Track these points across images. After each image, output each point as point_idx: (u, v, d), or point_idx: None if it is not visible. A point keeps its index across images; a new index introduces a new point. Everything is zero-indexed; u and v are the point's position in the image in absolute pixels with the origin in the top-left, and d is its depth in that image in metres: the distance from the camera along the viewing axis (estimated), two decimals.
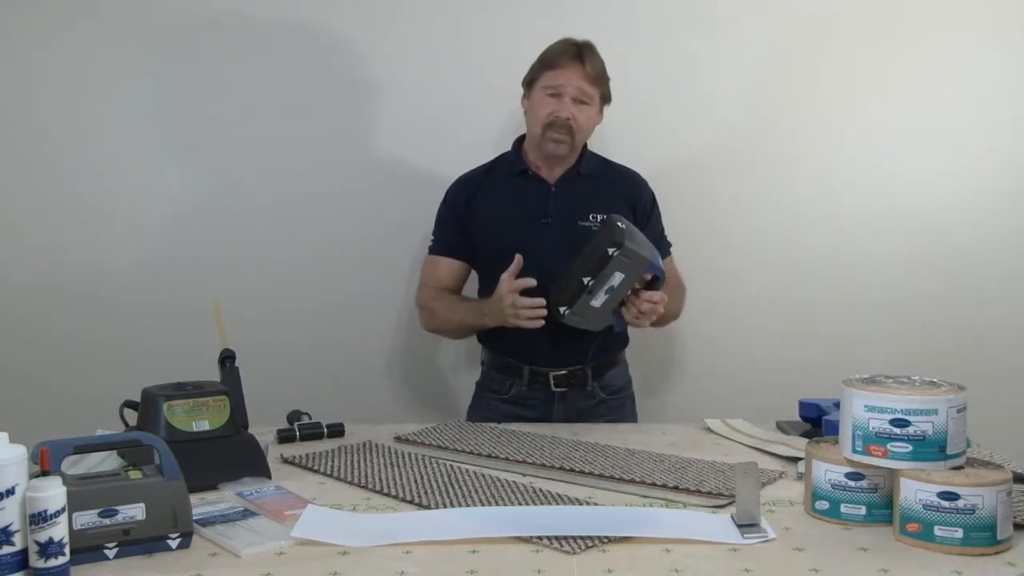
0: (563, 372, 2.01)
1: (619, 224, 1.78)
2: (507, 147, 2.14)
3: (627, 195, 2.08)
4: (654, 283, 1.86)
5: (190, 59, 2.36)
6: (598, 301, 1.79)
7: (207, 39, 2.35)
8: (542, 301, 1.85)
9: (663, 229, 2.14)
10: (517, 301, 1.85)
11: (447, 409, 2.39)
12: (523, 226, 2.01)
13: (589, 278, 1.77)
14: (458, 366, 2.46)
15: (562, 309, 1.81)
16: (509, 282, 1.87)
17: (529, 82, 2.04)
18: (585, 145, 2.09)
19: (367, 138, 2.39)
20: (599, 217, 2.00)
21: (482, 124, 2.36)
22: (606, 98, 2.05)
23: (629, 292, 1.82)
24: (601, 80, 2.01)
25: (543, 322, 1.86)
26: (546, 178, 2.06)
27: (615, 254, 1.75)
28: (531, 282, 1.86)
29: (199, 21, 2.35)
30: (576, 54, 1.98)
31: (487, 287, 2.09)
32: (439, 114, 2.38)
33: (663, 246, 2.12)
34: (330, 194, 2.40)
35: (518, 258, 1.88)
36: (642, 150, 2.38)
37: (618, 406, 2.10)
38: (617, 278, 1.77)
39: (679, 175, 2.42)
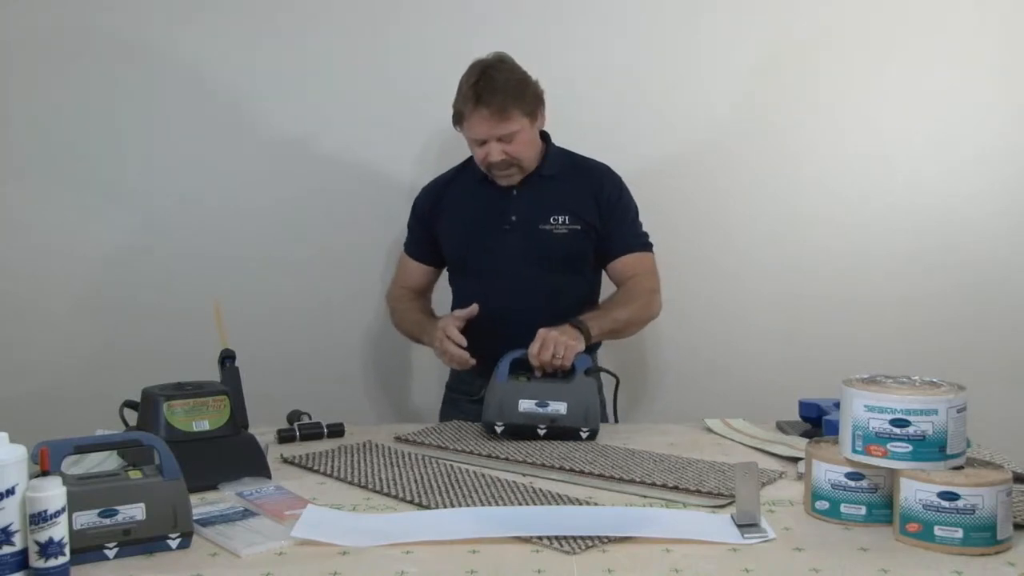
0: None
1: None
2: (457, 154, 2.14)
3: (589, 189, 2.03)
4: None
5: (184, 64, 2.36)
6: (526, 405, 1.73)
7: (197, 42, 2.36)
8: (467, 356, 1.85)
9: (634, 224, 2.06)
10: (447, 337, 1.86)
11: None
12: (485, 233, 2.01)
13: (497, 423, 1.73)
14: None
15: (583, 433, 1.74)
16: (453, 318, 1.91)
17: (456, 122, 1.96)
18: (549, 142, 2.05)
19: (366, 138, 2.40)
20: (561, 219, 1.99)
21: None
22: (531, 111, 1.93)
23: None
24: (512, 106, 1.88)
25: (467, 365, 1.86)
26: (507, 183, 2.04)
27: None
28: (472, 311, 1.90)
29: (188, 28, 2.36)
30: (475, 99, 1.86)
31: (456, 292, 2.12)
32: (422, 117, 2.36)
33: (635, 239, 2.04)
34: (332, 193, 2.41)
35: (474, 307, 1.91)
36: (641, 147, 2.38)
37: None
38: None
39: (679, 174, 2.42)
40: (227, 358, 1.67)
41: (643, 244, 2.07)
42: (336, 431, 1.79)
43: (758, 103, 2.43)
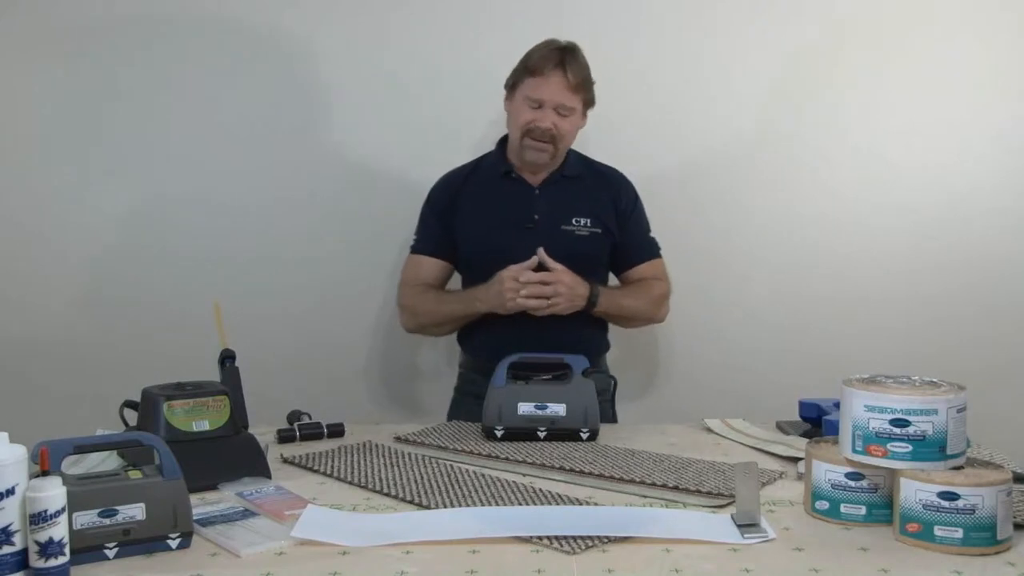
0: (548, 377, 1.94)
1: None
2: (489, 147, 2.13)
3: (609, 195, 2.07)
4: None
5: (186, 62, 2.36)
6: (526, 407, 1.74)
7: (199, 41, 2.36)
8: (551, 276, 1.85)
9: (648, 228, 2.12)
10: (521, 276, 1.85)
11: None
12: (507, 231, 1.99)
13: (497, 428, 1.73)
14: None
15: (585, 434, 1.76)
16: (515, 267, 1.88)
17: (511, 85, 2.00)
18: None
19: (367, 136, 2.39)
20: (583, 221, 2.00)
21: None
22: (589, 103, 2.01)
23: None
24: (583, 87, 1.96)
25: (547, 304, 1.85)
26: (530, 181, 2.04)
27: None
28: (533, 263, 1.87)
29: (191, 26, 2.35)
30: (559, 62, 1.92)
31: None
32: (424, 115, 2.37)
33: (648, 246, 2.10)
34: (333, 192, 2.40)
35: (533, 260, 1.88)
36: (640, 148, 2.38)
37: (600, 410, 2.07)
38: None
39: (679, 174, 2.42)
40: (227, 358, 1.67)
41: (656, 250, 2.11)
42: (336, 431, 1.79)
43: (759, 104, 2.42)
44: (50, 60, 2.34)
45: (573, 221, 2.00)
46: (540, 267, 1.89)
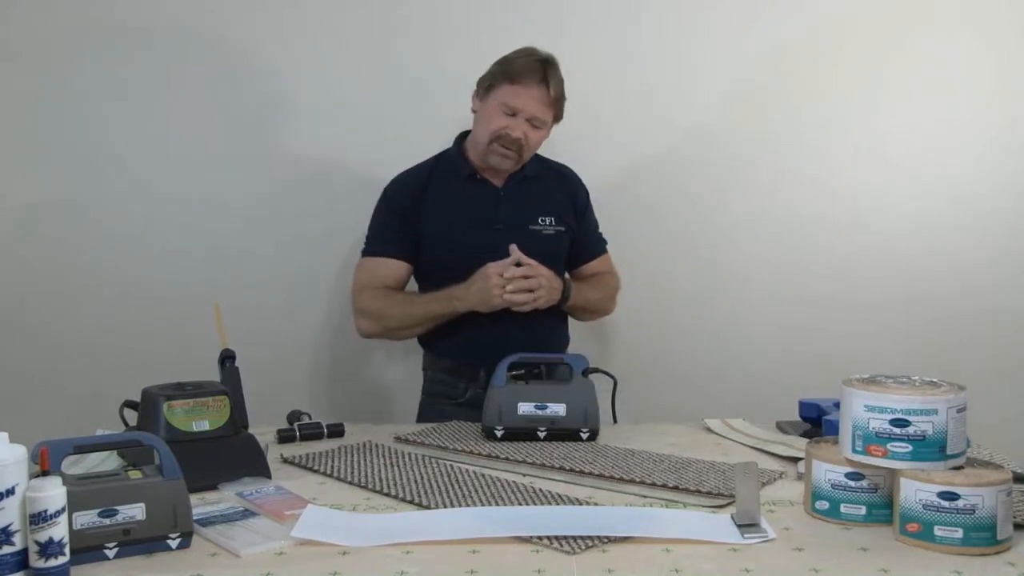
0: (519, 373, 1.91)
1: None
2: (438, 147, 2.12)
3: (567, 193, 2.09)
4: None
5: (186, 62, 2.36)
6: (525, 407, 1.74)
7: (197, 43, 2.36)
8: (531, 270, 1.86)
9: (597, 224, 2.15)
10: (506, 272, 1.84)
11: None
12: (475, 233, 1.98)
13: (497, 428, 1.72)
14: None
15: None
16: (498, 264, 1.87)
17: (487, 87, 1.97)
18: None
19: (371, 136, 2.39)
20: (547, 220, 2.02)
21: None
22: (559, 118, 2.01)
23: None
24: (559, 102, 1.97)
25: (532, 299, 1.86)
26: (494, 182, 2.03)
27: None
28: (513, 260, 1.87)
29: (188, 27, 2.35)
30: (542, 76, 1.92)
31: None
32: (426, 116, 2.36)
33: (599, 241, 2.13)
34: (335, 193, 2.40)
35: (513, 257, 1.87)
36: (639, 146, 2.39)
37: None
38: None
39: (679, 173, 2.42)
40: (227, 358, 1.67)
41: (604, 245, 2.15)
42: (336, 431, 1.79)
43: (759, 103, 2.43)
44: (50, 60, 2.34)
45: (539, 221, 2.02)
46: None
